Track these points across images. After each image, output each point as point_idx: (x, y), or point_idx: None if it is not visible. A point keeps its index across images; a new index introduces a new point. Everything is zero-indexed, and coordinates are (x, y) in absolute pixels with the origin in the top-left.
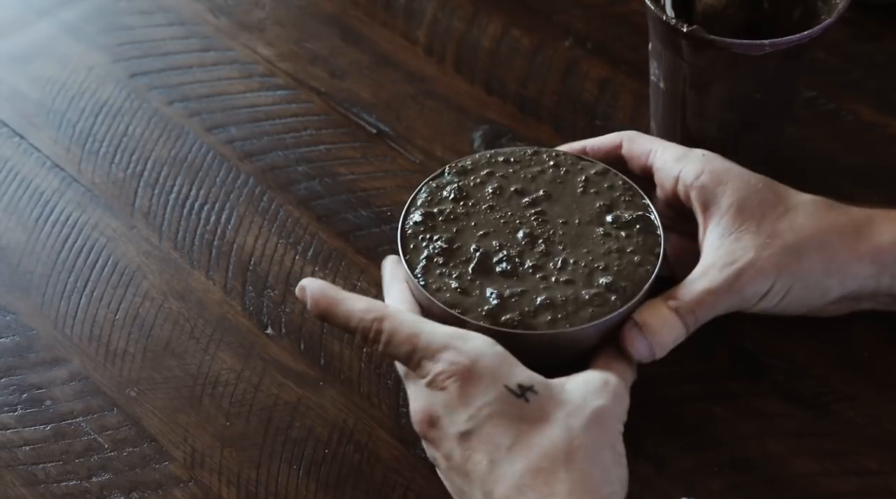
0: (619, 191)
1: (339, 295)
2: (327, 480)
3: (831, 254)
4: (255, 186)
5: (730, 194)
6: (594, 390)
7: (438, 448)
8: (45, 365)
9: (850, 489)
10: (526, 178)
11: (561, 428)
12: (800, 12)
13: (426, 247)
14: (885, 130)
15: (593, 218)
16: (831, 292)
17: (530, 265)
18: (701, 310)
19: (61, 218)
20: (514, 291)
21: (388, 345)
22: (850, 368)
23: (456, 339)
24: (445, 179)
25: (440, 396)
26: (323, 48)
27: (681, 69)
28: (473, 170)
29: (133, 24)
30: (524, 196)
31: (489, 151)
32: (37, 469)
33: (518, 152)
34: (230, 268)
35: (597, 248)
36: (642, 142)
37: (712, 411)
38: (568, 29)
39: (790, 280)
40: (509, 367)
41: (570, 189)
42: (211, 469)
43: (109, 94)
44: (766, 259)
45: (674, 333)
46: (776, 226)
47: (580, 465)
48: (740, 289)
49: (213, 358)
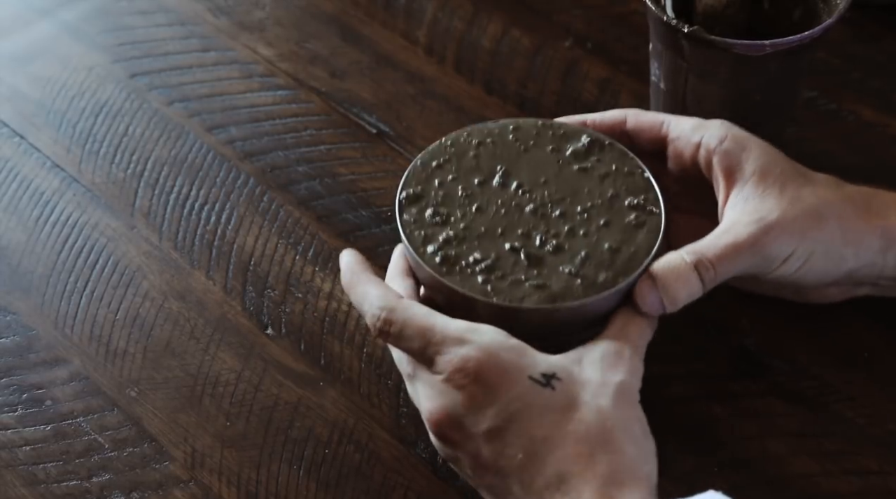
0: (617, 163)
1: (364, 275)
2: (327, 480)
3: (848, 224)
4: (256, 186)
5: (753, 160)
6: (611, 365)
7: (461, 448)
8: (46, 365)
9: (850, 489)
10: (518, 155)
11: (591, 411)
12: (800, 13)
13: (429, 229)
14: (885, 130)
15: (596, 194)
16: (846, 263)
17: (536, 246)
18: (722, 265)
19: (61, 218)
20: (483, 258)
21: (398, 337)
22: (850, 368)
23: (470, 332)
24: (433, 159)
25: (459, 395)
26: (323, 48)
27: (681, 69)
28: (462, 148)
29: (133, 25)
30: (517, 178)
31: (474, 127)
32: (37, 469)
33: (506, 127)
34: (230, 268)
35: (591, 238)
36: (651, 115)
37: (712, 411)
38: (568, 29)
39: (811, 246)
40: (530, 357)
41: (569, 167)
42: (211, 469)
43: (110, 95)
44: (791, 219)
45: (688, 289)
46: (799, 191)
47: (617, 445)
48: (764, 246)
49: (214, 358)
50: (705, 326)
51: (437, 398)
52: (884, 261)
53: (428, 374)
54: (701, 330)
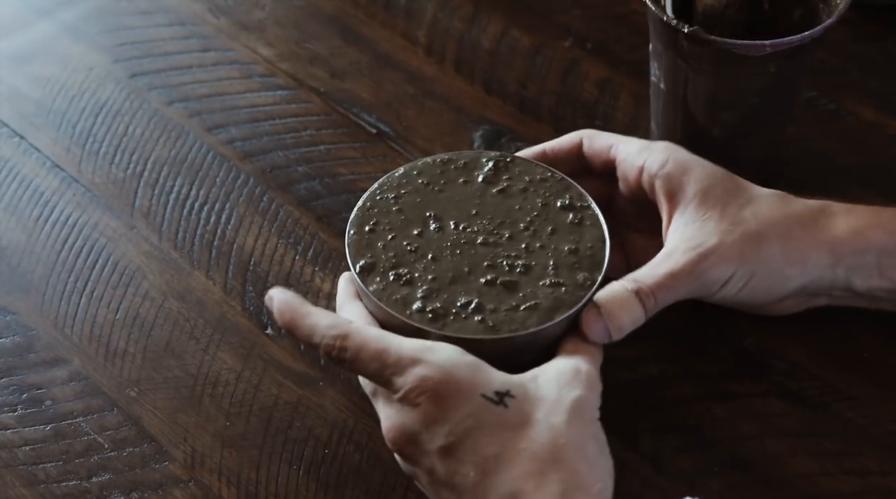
0: (529, 175)
1: (303, 308)
2: (327, 480)
3: (792, 243)
4: (255, 186)
5: (694, 183)
6: (567, 382)
7: (418, 464)
8: (45, 365)
9: (850, 489)
10: (437, 196)
11: (543, 429)
12: (800, 13)
13: (401, 291)
14: (885, 130)
15: (528, 208)
16: (791, 282)
17: (507, 272)
18: (661, 293)
19: (61, 218)
20: (468, 300)
21: (354, 362)
22: (850, 368)
23: (425, 352)
24: (379, 195)
25: (414, 412)
26: (323, 48)
27: (681, 70)
28: (383, 206)
29: (133, 25)
30: (450, 218)
31: (417, 163)
32: (37, 469)
33: (441, 164)
34: (230, 268)
35: (549, 248)
36: (602, 138)
37: (712, 411)
38: (568, 29)
39: (752, 267)
40: (484, 374)
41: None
42: (211, 469)
43: (109, 95)
44: (729, 245)
45: (632, 316)
46: (739, 213)
47: (569, 463)
48: (702, 273)
49: (213, 358)
50: (705, 326)
51: (393, 416)
52: (833, 275)
53: (386, 393)
54: (701, 330)
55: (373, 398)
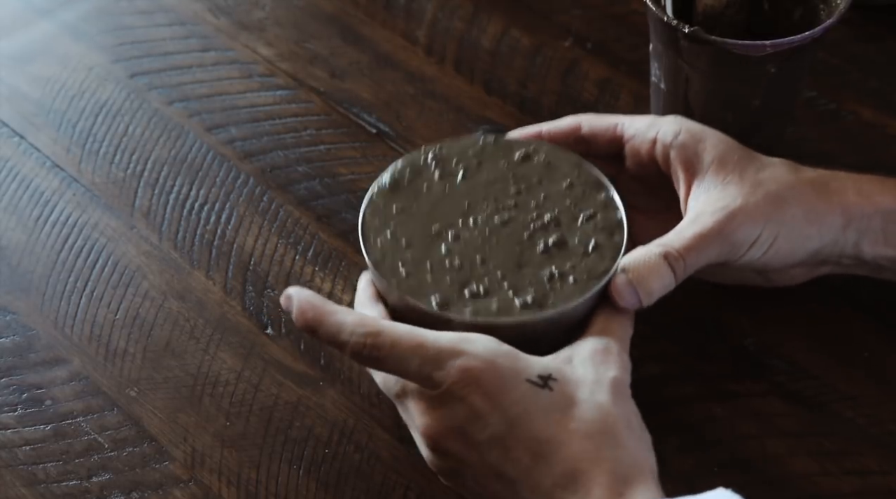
0: (571, 168)
1: (328, 307)
2: (327, 480)
3: (809, 204)
4: (255, 186)
5: (710, 150)
6: (601, 361)
7: (464, 460)
8: (45, 365)
9: (850, 489)
10: (474, 169)
11: (592, 408)
12: (800, 13)
13: (392, 252)
14: (885, 130)
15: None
16: (810, 243)
17: (498, 259)
18: (691, 255)
19: (61, 218)
20: (488, 287)
21: (388, 360)
22: (850, 368)
23: (463, 343)
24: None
25: (461, 405)
26: (323, 48)
27: (682, 70)
28: (420, 168)
29: (133, 24)
30: (480, 191)
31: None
32: (37, 469)
33: (462, 147)
34: (230, 268)
35: (567, 227)
36: (605, 118)
37: (712, 411)
38: (568, 29)
39: (776, 228)
40: (524, 360)
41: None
42: (211, 469)
43: (109, 95)
44: (753, 205)
45: (662, 281)
46: (757, 176)
47: (620, 439)
48: (731, 233)
49: (213, 358)
50: (705, 326)
51: (434, 412)
52: (844, 239)
53: (420, 389)
54: (701, 330)
55: (400, 400)
